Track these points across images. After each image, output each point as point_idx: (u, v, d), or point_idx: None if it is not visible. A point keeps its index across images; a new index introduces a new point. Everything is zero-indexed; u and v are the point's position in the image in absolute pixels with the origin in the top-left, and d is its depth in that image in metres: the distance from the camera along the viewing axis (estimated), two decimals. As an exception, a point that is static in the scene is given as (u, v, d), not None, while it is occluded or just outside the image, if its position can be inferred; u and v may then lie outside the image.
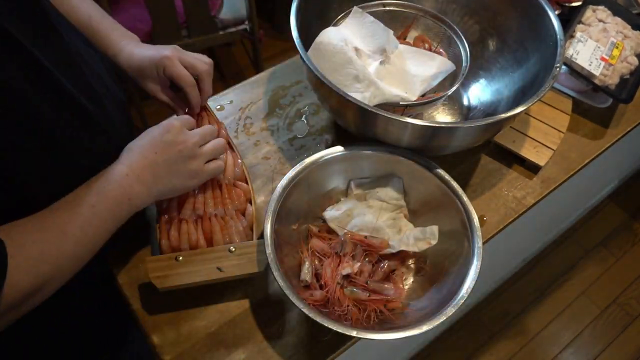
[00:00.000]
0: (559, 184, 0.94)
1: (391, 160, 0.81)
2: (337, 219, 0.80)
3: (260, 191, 0.87)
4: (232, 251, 0.73)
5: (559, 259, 1.91)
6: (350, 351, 0.75)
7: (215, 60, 2.32)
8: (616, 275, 1.89)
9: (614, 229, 2.00)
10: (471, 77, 0.98)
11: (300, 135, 0.96)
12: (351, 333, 0.64)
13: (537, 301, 1.81)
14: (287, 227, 0.77)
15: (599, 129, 1.02)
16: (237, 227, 0.76)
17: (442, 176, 0.79)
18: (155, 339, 0.73)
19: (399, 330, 0.66)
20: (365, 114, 0.75)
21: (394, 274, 0.78)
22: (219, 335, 0.74)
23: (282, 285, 0.66)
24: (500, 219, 0.88)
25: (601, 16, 1.04)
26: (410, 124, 0.73)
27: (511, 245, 1.50)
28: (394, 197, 0.82)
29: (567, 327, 1.77)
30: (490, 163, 0.95)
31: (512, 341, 1.73)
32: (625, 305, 1.82)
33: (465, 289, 0.69)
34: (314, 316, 0.64)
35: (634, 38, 1.02)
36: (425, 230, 0.77)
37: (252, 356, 0.72)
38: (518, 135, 0.95)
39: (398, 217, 0.81)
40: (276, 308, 0.77)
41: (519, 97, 0.87)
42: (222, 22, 1.84)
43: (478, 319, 1.75)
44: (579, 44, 0.99)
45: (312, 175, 0.79)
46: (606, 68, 0.97)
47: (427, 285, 0.76)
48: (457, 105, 0.99)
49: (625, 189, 2.09)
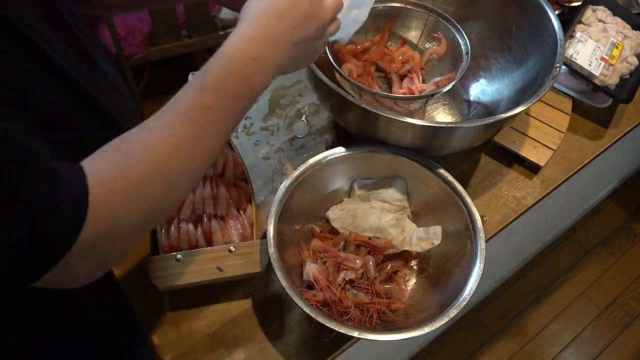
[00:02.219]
0: (559, 184, 0.94)
1: (394, 161, 0.81)
2: (340, 219, 0.80)
3: (260, 191, 0.87)
4: (232, 251, 0.73)
5: (559, 259, 1.91)
6: (350, 351, 0.75)
7: (215, 60, 2.33)
8: (616, 275, 1.89)
9: (614, 229, 2.00)
10: (471, 77, 0.98)
11: (300, 135, 0.96)
12: (353, 334, 0.64)
13: (537, 301, 1.81)
14: (290, 227, 0.77)
15: (599, 129, 1.02)
16: (237, 227, 0.76)
17: (446, 177, 0.79)
18: (155, 339, 0.73)
19: (401, 331, 0.66)
20: (365, 114, 0.75)
21: (396, 275, 0.78)
22: (219, 335, 0.74)
23: (285, 286, 0.66)
24: (500, 219, 0.88)
25: (601, 16, 1.04)
26: (411, 124, 0.73)
27: (511, 245, 1.50)
28: (397, 199, 0.82)
29: (567, 327, 1.76)
30: (490, 163, 0.95)
31: (512, 341, 1.72)
32: (625, 305, 1.82)
33: (467, 291, 0.69)
34: (318, 317, 0.64)
35: (634, 38, 1.02)
36: (428, 231, 0.77)
37: (252, 356, 0.72)
38: (518, 135, 0.95)
39: (401, 218, 0.81)
40: (276, 308, 0.77)
41: (519, 97, 0.87)
42: (222, 22, 1.84)
43: (478, 319, 1.75)
44: (579, 44, 0.99)
45: (316, 175, 0.79)
46: (606, 68, 0.97)
47: (429, 287, 0.76)
48: (457, 105, 0.99)
49: (625, 189, 2.10)
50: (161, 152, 0.47)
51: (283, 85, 1.03)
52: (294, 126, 0.97)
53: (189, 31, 1.77)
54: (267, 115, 0.98)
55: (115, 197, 0.43)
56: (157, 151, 0.47)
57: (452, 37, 0.91)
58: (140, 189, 0.45)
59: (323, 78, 0.76)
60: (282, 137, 0.95)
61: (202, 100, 0.49)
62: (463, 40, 0.89)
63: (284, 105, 1.00)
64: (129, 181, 0.44)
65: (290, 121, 0.98)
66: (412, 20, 0.96)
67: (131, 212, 0.45)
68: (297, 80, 1.04)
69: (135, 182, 0.45)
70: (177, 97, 0.50)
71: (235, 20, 0.59)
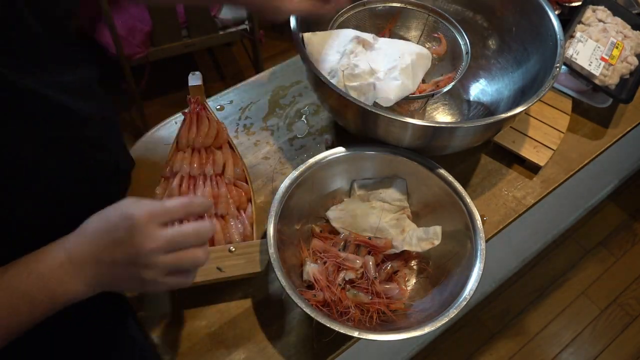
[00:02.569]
0: (559, 184, 0.94)
1: (394, 161, 0.81)
2: (340, 219, 0.80)
3: (260, 191, 0.87)
4: (232, 251, 0.73)
5: (559, 259, 1.91)
6: (350, 351, 0.75)
7: (215, 60, 2.33)
8: (616, 275, 1.89)
9: (614, 229, 2.00)
10: (471, 77, 0.98)
11: (300, 135, 0.96)
12: (353, 334, 0.64)
13: (537, 301, 1.81)
14: (290, 226, 0.77)
15: (599, 129, 1.02)
16: (238, 226, 0.76)
17: (446, 177, 0.79)
18: (155, 339, 0.73)
19: (401, 331, 0.66)
20: (365, 114, 0.75)
21: (396, 275, 0.78)
22: (219, 335, 0.74)
23: (284, 285, 0.66)
24: (500, 219, 0.88)
25: (601, 16, 1.04)
26: (411, 124, 0.73)
27: (511, 245, 1.50)
28: (397, 199, 0.82)
29: (567, 327, 1.76)
30: (490, 163, 0.95)
31: (512, 341, 1.72)
32: (625, 305, 1.82)
33: (468, 291, 0.69)
34: (318, 317, 0.64)
35: (634, 38, 1.02)
36: (428, 231, 0.77)
37: (252, 356, 0.72)
38: (518, 135, 0.95)
39: (401, 218, 0.81)
40: (276, 308, 0.77)
41: (519, 97, 0.87)
42: (222, 22, 1.83)
43: (478, 319, 1.75)
44: (579, 44, 0.99)
45: (316, 175, 0.79)
46: (606, 68, 0.97)
47: (429, 287, 0.76)
48: (457, 105, 0.99)
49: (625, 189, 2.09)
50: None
51: (283, 85, 1.03)
52: (293, 126, 0.97)
53: (189, 31, 1.77)
54: (267, 115, 0.98)
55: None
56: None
57: (452, 37, 0.91)
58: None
59: (323, 78, 0.76)
60: (282, 137, 0.95)
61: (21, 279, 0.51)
62: (463, 40, 0.89)
63: (284, 105, 1.00)
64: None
65: (290, 121, 0.98)
66: (412, 20, 0.96)
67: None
68: (297, 80, 1.04)
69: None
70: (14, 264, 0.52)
71: (235, 21, 0.60)
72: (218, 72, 2.30)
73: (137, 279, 0.53)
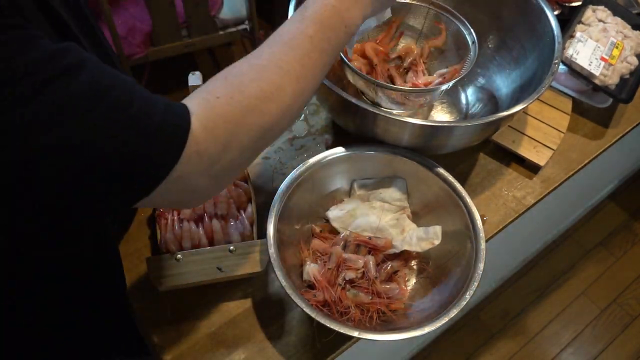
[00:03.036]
0: (559, 184, 0.94)
1: (394, 161, 0.81)
2: (340, 219, 0.80)
3: (260, 191, 0.87)
4: (232, 251, 0.73)
5: (559, 259, 1.91)
6: (350, 351, 0.75)
7: (215, 60, 2.32)
8: (616, 275, 1.89)
9: (614, 229, 2.00)
10: (470, 76, 0.98)
11: (300, 135, 0.96)
12: (353, 334, 0.64)
13: (537, 301, 1.81)
14: (290, 226, 0.77)
15: (599, 129, 1.02)
16: (238, 226, 0.76)
17: (446, 177, 0.79)
18: (155, 338, 0.73)
19: (401, 331, 0.66)
20: (364, 113, 0.75)
21: (396, 275, 0.78)
22: (219, 335, 0.74)
23: (284, 285, 0.66)
24: (500, 219, 0.88)
25: (601, 16, 1.04)
26: (410, 123, 0.73)
27: (511, 245, 1.50)
28: (397, 199, 0.82)
29: (567, 327, 1.76)
30: (490, 163, 0.95)
31: (512, 341, 1.72)
32: (625, 305, 1.82)
33: (468, 291, 0.68)
34: (318, 317, 0.64)
35: (634, 38, 1.02)
36: (428, 230, 0.77)
37: (252, 356, 0.72)
38: (518, 135, 0.95)
39: (401, 217, 0.81)
40: (276, 308, 0.77)
41: (518, 96, 0.87)
42: (222, 22, 1.84)
43: (478, 319, 1.75)
44: (579, 43, 0.99)
45: (315, 175, 0.79)
46: (606, 68, 0.97)
47: (429, 287, 0.76)
48: (456, 104, 0.99)
49: (625, 189, 2.09)
50: (272, 72, 0.52)
51: (283, 85, 1.03)
52: (293, 126, 0.97)
53: (189, 31, 1.78)
54: (267, 115, 0.98)
55: (233, 110, 0.48)
56: (268, 71, 0.52)
57: (455, 29, 0.90)
58: (255, 104, 0.49)
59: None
60: (282, 137, 0.95)
61: (305, 30, 0.55)
62: (467, 30, 0.87)
63: (284, 105, 1.00)
64: (246, 96, 0.49)
65: (290, 121, 0.98)
66: (413, 14, 0.96)
67: (249, 126, 0.49)
68: (297, 80, 1.03)
69: (251, 97, 0.49)
70: (278, 32, 0.56)
71: (235, 21, 0.62)
72: (218, 72, 2.30)
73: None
